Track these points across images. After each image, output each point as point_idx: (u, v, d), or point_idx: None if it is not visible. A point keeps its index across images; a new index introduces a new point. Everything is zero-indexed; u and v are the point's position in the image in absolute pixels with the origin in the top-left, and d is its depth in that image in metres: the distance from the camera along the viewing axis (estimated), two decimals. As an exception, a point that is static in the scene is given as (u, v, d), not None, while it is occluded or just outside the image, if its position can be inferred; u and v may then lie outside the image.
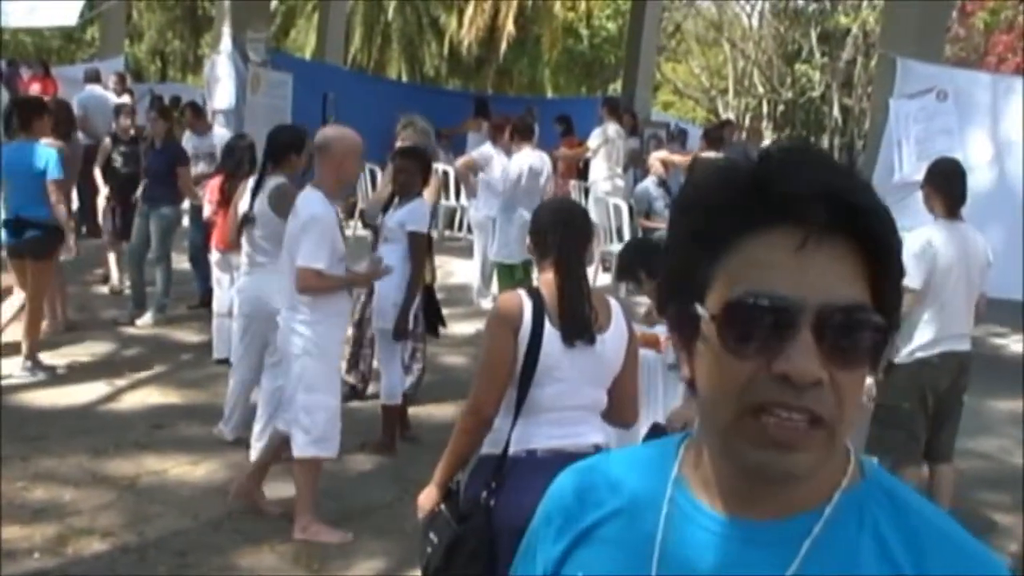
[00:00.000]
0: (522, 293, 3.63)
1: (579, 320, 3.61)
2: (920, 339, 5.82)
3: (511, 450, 3.57)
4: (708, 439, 1.21)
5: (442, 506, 3.61)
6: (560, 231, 3.71)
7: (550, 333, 3.55)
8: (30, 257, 8.11)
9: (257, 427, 6.60)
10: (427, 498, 3.67)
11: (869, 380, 1.18)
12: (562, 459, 3.40)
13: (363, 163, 6.41)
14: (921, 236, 5.76)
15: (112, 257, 10.94)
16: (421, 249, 6.78)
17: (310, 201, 5.50)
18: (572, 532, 1.30)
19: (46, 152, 8.11)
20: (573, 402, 3.64)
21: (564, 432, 3.61)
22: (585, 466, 1.38)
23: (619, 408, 3.82)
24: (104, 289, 10.99)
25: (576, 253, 3.74)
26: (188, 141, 11.38)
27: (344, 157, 5.60)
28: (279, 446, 5.84)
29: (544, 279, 3.68)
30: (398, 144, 7.88)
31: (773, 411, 1.08)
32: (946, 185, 5.95)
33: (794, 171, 1.13)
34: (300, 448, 5.58)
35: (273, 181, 6.50)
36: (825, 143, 33.13)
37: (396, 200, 6.99)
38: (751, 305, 1.10)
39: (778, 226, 1.11)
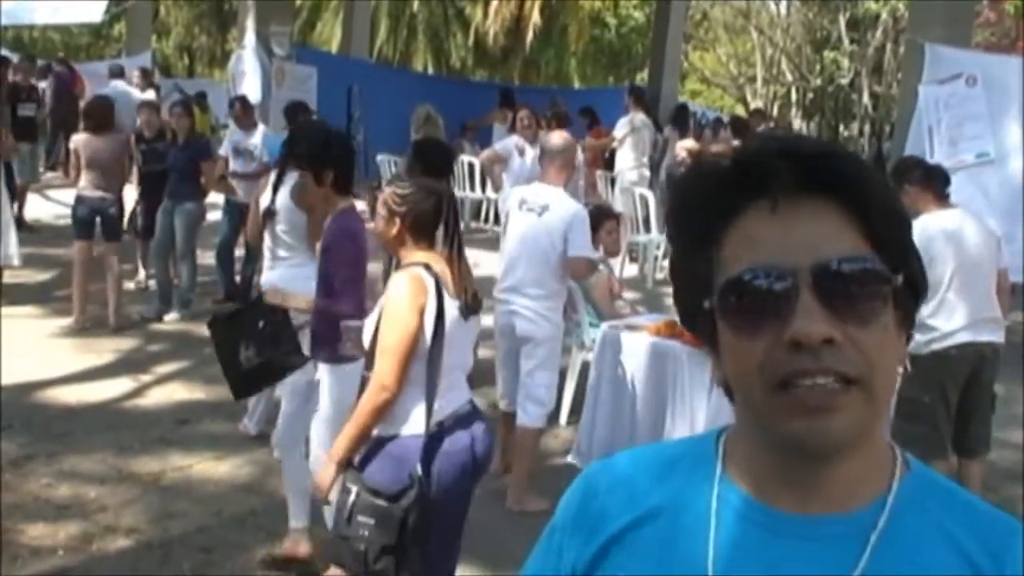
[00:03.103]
0: (422, 272, 3.74)
1: (475, 297, 3.91)
2: (934, 331, 5.74)
3: (430, 420, 3.72)
4: (749, 431, 1.19)
5: (355, 488, 3.69)
6: (444, 212, 3.90)
7: (448, 306, 3.74)
8: None
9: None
10: (328, 476, 3.77)
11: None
12: (460, 420, 3.79)
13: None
14: None
15: (139, 253, 10.98)
16: None
17: (565, 196, 6.23)
18: (604, 533, 1.26)
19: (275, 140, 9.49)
20: (461, 366, 3.94)
21: (456, 395, 3.87)
22: (610, 464, 1.35)
23: None
24: (130, 285, 11.01)
25: (459, 231, 3.96)
26: (233, 134, 11.36)
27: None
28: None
29: (429, 256, 3.83)
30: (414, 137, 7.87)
31: (797, 383, 1.07)
32: (928, 179, 5.93)
33: (755, 148, 1.16)
34: (533, 420, 6.18)
35: (295, 175, 6.47)
36: (855, 130, 32.91)
37: None
38: (743, 281, 1.11)
39: (754, 201, 1.13)
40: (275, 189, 6.51)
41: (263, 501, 5.94)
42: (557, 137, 6.55)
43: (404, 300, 3.69)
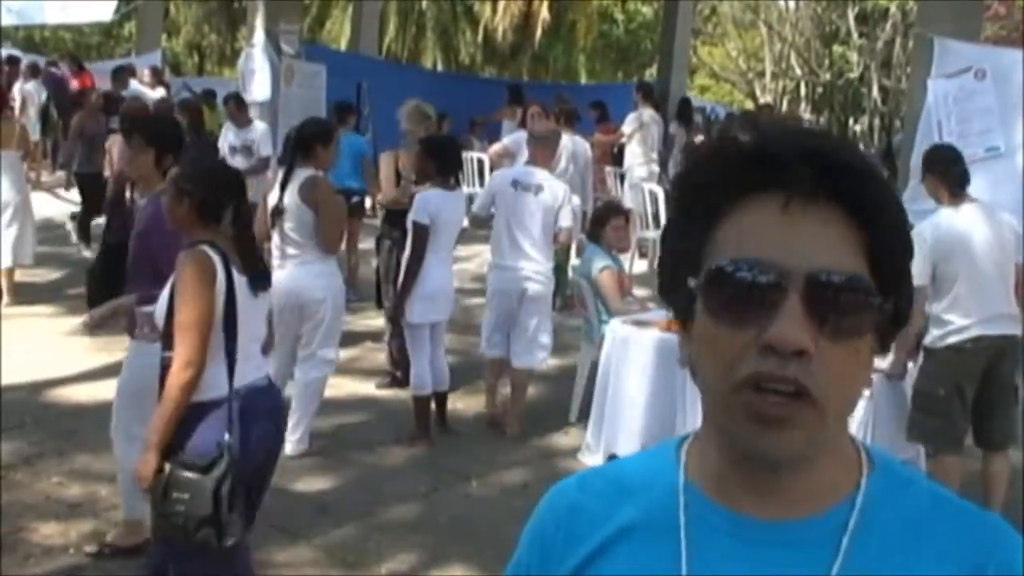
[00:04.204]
0: (209, 249, 3.84)
1: (263, 272, 4.12)
2: (949, 325, 5.73)
3: (232, 388, 3.85)
4: (711, 427, 1.17)
5: (167, 465, 3.73)
6: (232, 190, 4.03)
7: (238, 281, 3.88)
8: (354, 216, 10.10)
9: (291, 420, 6.59)
10: (148, 465, 3.75)
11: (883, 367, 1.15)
12: (257, 391, 3.98)
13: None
14: (918, 232, 5.67)
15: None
16: (419, 239, 6.75)
17: (552, 177, 7.50)
18: (581, 550, 1.23)
19: (359, 139, 11.38)
20: (254, 338, 4.08)
21: (254, 367, 4.03)
22: (581, 479, 1.32)
23: None
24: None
25: (248, 210, 4.15)
26: (228, 132, 11.37)
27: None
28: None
29: (219, 232, 3.93)
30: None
31: (759, 385, 1.05)
32: (946, 170, 5.89)
33: (779, 137, 1.13)
34: (539, 362, 7.48)
35: (303, 173, 6.50)
36: (864, 124, 32.82)
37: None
38: (733, 272, 1.08)
39: (765, 192, 1.10)
40: (283, 187, 6.54)
41: (272, 498, 5.92)
42: (542, 126, 7.68)
43: (194, 278, 3.79)
